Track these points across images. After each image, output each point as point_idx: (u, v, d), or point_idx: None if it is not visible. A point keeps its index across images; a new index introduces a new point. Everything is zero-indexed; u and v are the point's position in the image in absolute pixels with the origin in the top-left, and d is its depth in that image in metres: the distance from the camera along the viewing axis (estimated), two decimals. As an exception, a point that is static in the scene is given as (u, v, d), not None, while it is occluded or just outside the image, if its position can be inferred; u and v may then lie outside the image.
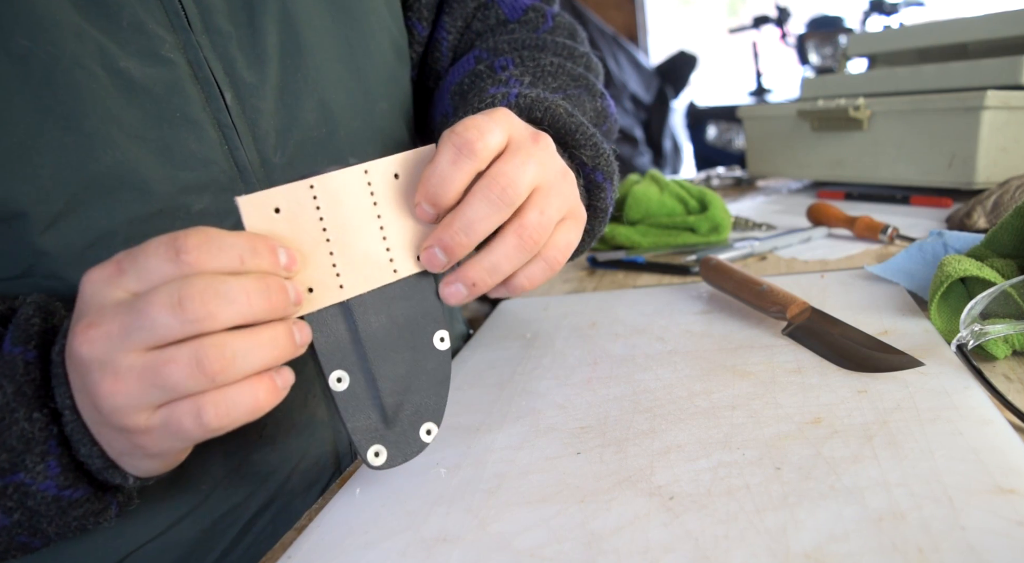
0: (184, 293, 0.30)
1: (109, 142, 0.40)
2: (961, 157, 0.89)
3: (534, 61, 0.56)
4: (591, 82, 0.57)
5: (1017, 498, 0.31)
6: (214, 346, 0.31)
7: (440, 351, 0.40)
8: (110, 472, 0.36)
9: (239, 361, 0.31)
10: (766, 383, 0.46)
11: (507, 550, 0.33)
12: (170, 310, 0.30)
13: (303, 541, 0.38)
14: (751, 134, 1.21)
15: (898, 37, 1.17)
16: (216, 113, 0.45)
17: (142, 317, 0.30)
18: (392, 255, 0.39)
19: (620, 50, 3.78)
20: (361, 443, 0.37)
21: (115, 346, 0.31)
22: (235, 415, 0.32)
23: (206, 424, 0.31)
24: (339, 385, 0.37)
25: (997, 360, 0.46)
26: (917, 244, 0.62)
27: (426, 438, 0.38)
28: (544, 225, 0.39)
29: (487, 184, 0.37)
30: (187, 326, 0.30)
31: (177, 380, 0.31)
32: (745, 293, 0.58)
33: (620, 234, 0.88)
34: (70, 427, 0.35)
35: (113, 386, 0.31)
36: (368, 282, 0.38)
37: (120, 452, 0.35)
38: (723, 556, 0.30)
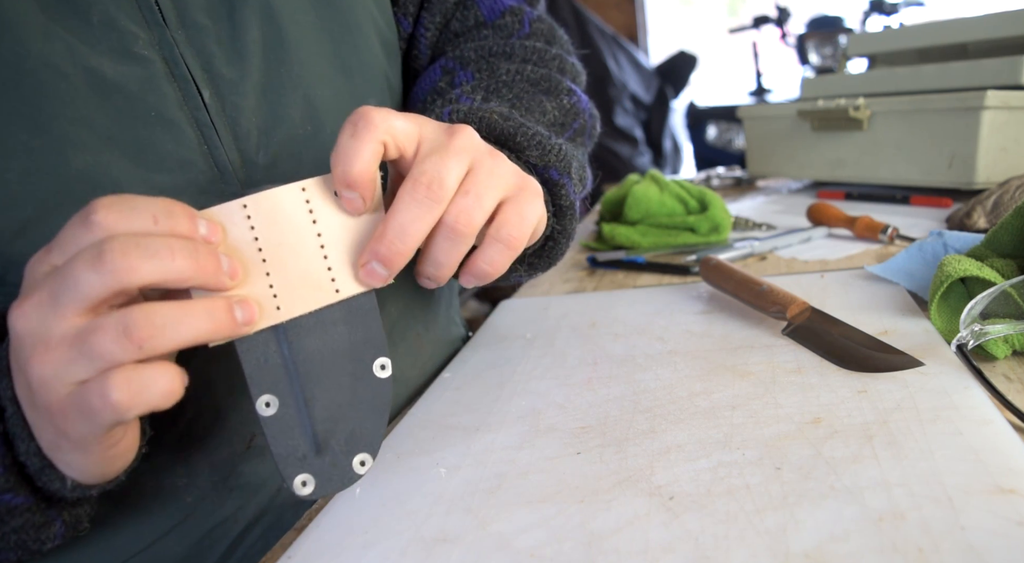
0: (104, 247, 0.29)
1: (80, 145, 0.39)
2: (961, 157, 0.89)
3: (491, 74, 0.55)
4: (555, 82, 0.55)
5: (1017, 498, 0.31)
6: (142, 313, 0.29)
7: (380, 379, 0.37)
8: (47, 473, 0.34)
9: (168, 330, 0.30)
10: (766, 383, 0.46)
11: (507, 550, 0.33)
12: (90, 265, 0.29)
13: (303, 541, 0.38)
14: (751, 134, 1.21)
15: (898, 37, 1.17)
16: (194, 112, 0.43)
17: (66, 278, 0.30)
18: (334, 275, 0.37)
19: (620, 50, 3.78)
20: (287, 471, 0.35)
21: (46, 315, 0.30)
22: (147, 397, 0.30)
23: (113, 403, 0.29)
24: (267, 410, 0.35)
25: (997, 360, 0.46)
26: (917, 244, 0.62)
27: (360, 469, 0.36)
28: (475, 206, 0.37)
29: (412, 185, 0.36)
30: (107, 278, 0.29)
31: (103, 347, 0.29)
32: (745, 293, 0.58)
33: (620, 234, 0.88)
34: (11, 422, 0.33)
35: (44, 355, 0.30)
36: (307, 304, 0.36)
37: (50, 444, 0.33)
38: (723, 556, 0.30)
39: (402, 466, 0.43)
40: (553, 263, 0.52)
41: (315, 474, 0.35)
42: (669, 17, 4.56)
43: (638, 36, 4.10)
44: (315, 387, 0.36)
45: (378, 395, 0.37)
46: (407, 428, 0.48)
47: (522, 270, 0.51)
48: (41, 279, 0.31)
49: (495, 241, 0.39)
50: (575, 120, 0.55)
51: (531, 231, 0.41)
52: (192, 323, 0.31)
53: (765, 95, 3.41)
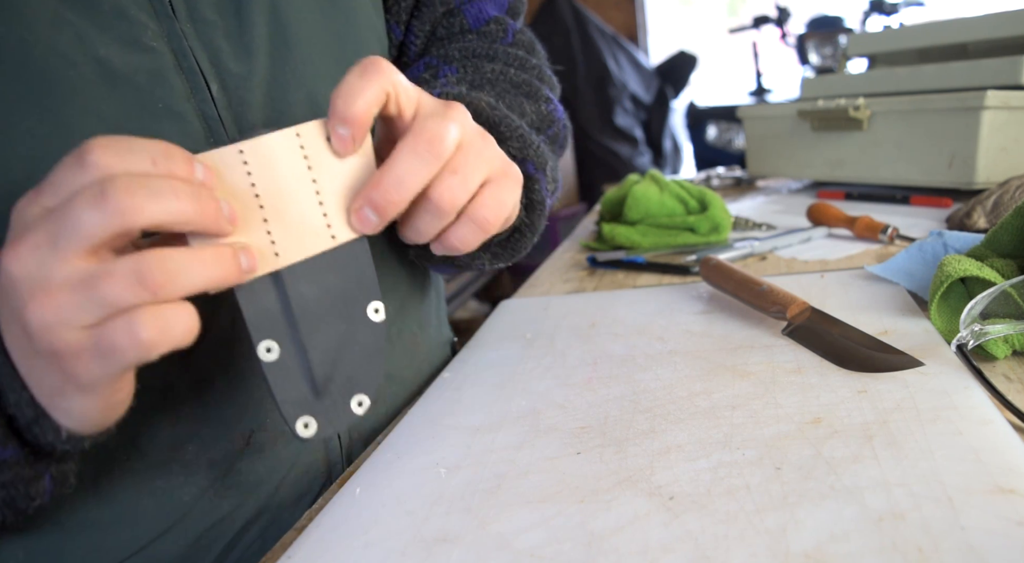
0: (106, 186, 0.29)
1: (88, 133, 0.37)
2: (961, 157, 0.89)
3: (476, 70, 0.56)
4: (535, 87, 0.56)
5: (1017, 498, 0.31)
6: (156, 259, 0.29)
7: (374, 323, 0.38)
8: (41, 424, 0.33)
9: (181, 277, 0.30)
10: (766, 383, 0.46)
11: (507, 550, 0.33)
12: (93, 203, 0.28)
13: (303, 541, 0.37)
14: (751, 134, 1.21)
15: (898, 37, 1.17)
16: (201, 105, 0.43)
17: (66, 218, 0.29)
18: (329, 221, 0.37)
19: (620, 50, 3.78)
20: (290, 414, 0.36)
21: (44, 257, 0.29)
22: (171, 334, 0.30)
23: (141, 340, 0.29)
24: (268, 355, 0.35)
25: (997, 360, 0.46)
26: (917, 244, 0.62)
27: (357, 410, 0.37)
28: (460, 186, 0.38)
29: (413, 139, 0.36)
30: (111, 218, 0.28)
31: (116, 294, 0.29)
32: (745, 293, 0.58)
33: (620, 234, 0.88)
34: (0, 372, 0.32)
35: (44, 300, 0.29)
36: (304, 249, 0.36)
37: (51, 390, 0.32)
38: (723, 556, 0.30)
39: (402, 466, 0.43)
40: (516, 256, 0.52)
41: (315, 415, 0.36)
42: (669, 17, 4.56)
43: (638, 36, 4.10)
44: (312, 332, 0.36)
45: (373, 338, 0.38)
46: (407, 428, 0.48)
47: (486, 258, 0.52)
48: (34, 221, 0.30)
49: (470, 220, 0.40)
50: (550, 127, 0.57)
51: (505, 217, 0.41)
52: (202, 270, 0.30)
53: (765, 95, 3.41)
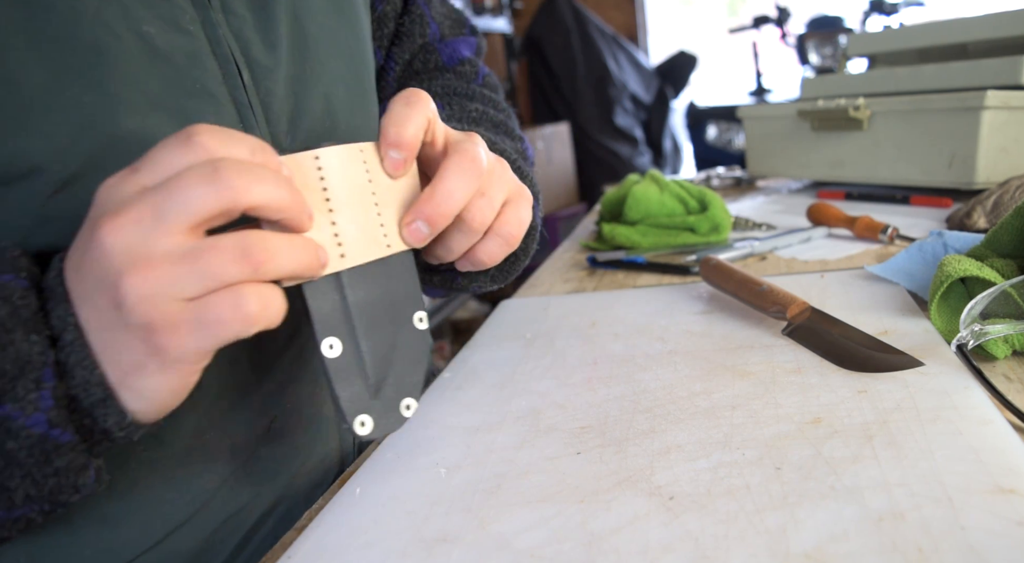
0: (219, 165, 0.30)
1: (131, 106, 0.39)
2: (961, 157, 0.89)
3: (461, 108, 0.61)
4: (511, 127, 0.62)
5: (1017, 498, 0.31)
6: (258, 237, 0.31)
7: (419, 330, 0.40)
8: (107, 406, 0.32)
9: (279, 257, 0.31)
10: (766, 383, 0.46)
11: (507, 550, 0.33)
12: (205, 179, 0.30)
13: (303, 541, 0.37)
14: (751, 134, 1.21)
15: (898, 37, 1.17)
16: (233, 90, 0.45)
17: (174, 193, 0.30)
18: (386, 231, 0.39)
19: (620, 50, 3.78)
20: (349, 411, 0.37)
21: (147, 230, 0.30)
22: (270, 312, 0.31)
23: (247, 313, 0.30)
24: (331, 352, 0.37)
25: (997, 360, 0.46)
26: (917, 244, 0.62)
27: (406, 413, 0.39)
28: (488, 207, 0.41)
29: (458, 159, 0.39)
30: (222, 194, 0.30)
31: (222, 266, 0.30)
32: (745, 293, 0.58)
33: (620, 234, 0.88)
34: (68, 349, 0.32)
35: (145, 272, 0.30)
36: (365, 254, 0.38)
37: (129, 366, 0.32)
38: (723, 556, 0.30)
39: (402, 466, 0.43)
40: (510, 278, 0.56)
41: (373, 415, 0.37)
42: (669, 17, 4.56)
43: (638, 36, 4.10)
44: (368, 334, 0.38)
45: (418, 345, 0.40)
46: (407, 428, 0.48)
47: (485, 280, 0.54)
48: (133, 197, 0.30)
49: (497, 236, 0.43)
50: (525, 162, 0.61)
51: (524, 232, 0.45)
52: (294, 254, 0.32)
53: (765, 95, 3.41)
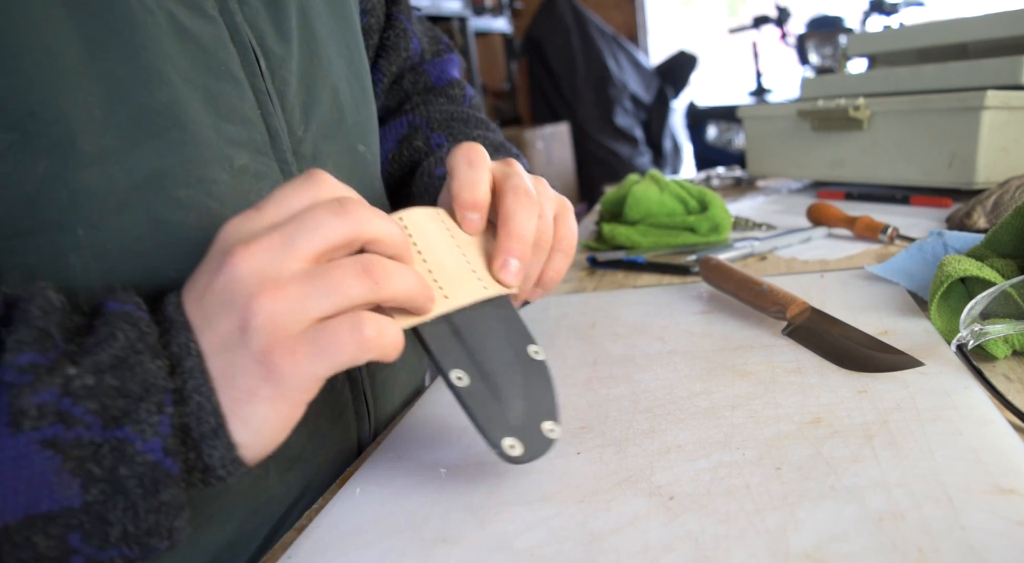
0: (345, 201, 0.33)
1: (164, 79, 0.39)
2: (961, 157, 0.89)
3: (464, 135, 0.64)
4: (509, 148, 0.65)
5: (1017, 498, 0.31)
6: (375, 257, 0.33)
7: (537, 361, 0.40)
8: (218, 436, 0.32)
9: (395, 277, 0.33)
10: (766, 383, 0.46)
11: (507, 550, 0.33)
12: (332, 212, 0.33)
13: (303, 541, 0.37)
14: (751, 134, 1.21)
15: (898, 37, 1.17)
16: (252, 77, 0.45)
17: (306, 222, 0.32)
18: (479, 276, 0.41)
19: (620, 50, 3.78)
20: (494, 435, 0.36)
21: (278, 255, 0.32)
22: (386, 340, 0.32)
23: (363, 337, 0.32)
24: (460, 382, 0.37)
25: (997, 360, 0.46)
26: (917, 244, 0.62)
27: (550, 434, 0.38)
28: (547, 226, 0.44)
29: (514, 195, 0.42)
30: (349, 225, 0.33)
31: (344, 281, 0.32)
32: (745, 293, 0.58)
33: (620, 234, 0.88)
34: (187, 376, 0.32)
35: (275, 292, 0.31)
36: (467, 296, 0.39)
37: (243, 392, 0.32)
38: (723, 556, 0.30)
39: (402, 466, 0.43)
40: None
41: (519, 438, 0.36)
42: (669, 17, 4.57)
43: (638, 36, 4.10)
44: (491, 365, 0.38)
45: (541, 373, 0.40)
46: (407, 428, 0.48)
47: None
48: (264, 229, 0.33)
49: (558, 251, 0.46)
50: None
51: (576, 241, 0.48)
52: (407, 278, 0.34)
53: (765, 95, 3.41)
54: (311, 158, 0.49)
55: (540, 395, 0.39)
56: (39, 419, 0.29)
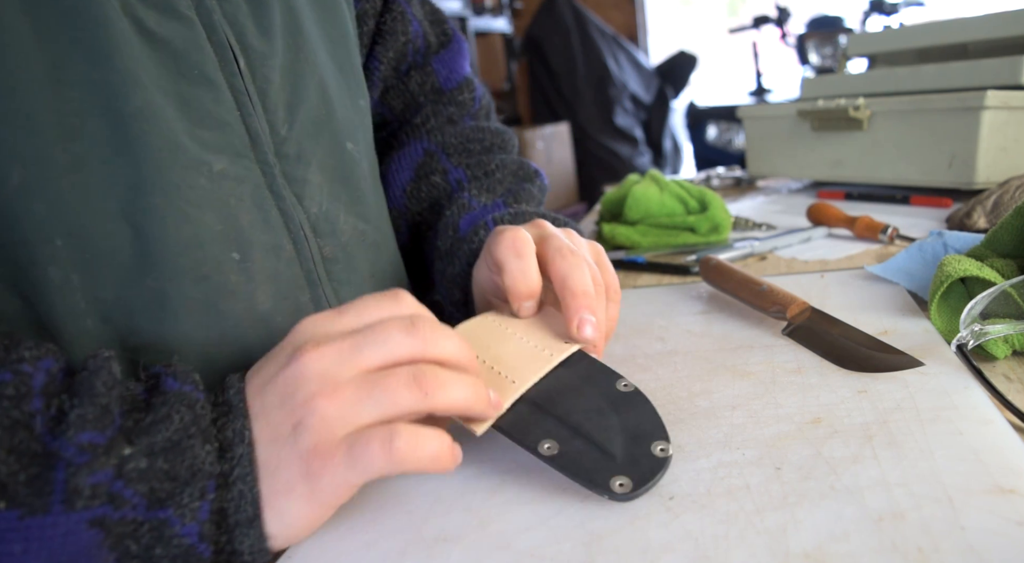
0: (417, 321, 0.36)
1: (138, 84, 0.39)
2: (961, 157, 0.89)
3: (481, 169, 0.64)
4: (526, 167, 0.65)
5: (1017, 498, 0.31)
6: (429, 368, 0.35)
7: (627, 392, 0.40)
8: (253, 525, 0.33)
9: (448, 387, 0.35)
10: (766, 383, 0.46)
11: (507, 550, 0.33)
12: (403, 329, 0.35)
13: (303, 541, 0.37)
14: (751, 134, 1.21)
15: (898, 37, 1.17)
16: (230, 78, 0.44)
17: (377, 334, 0.35)
18: (543, 348, 0.43)
19: (620, 50, 3.78)
20: (598, 486, 0.35)
21: (345, 360, 0.34)
22: (420, 453, 0.33)
23: (394, 451, 0.32)
24: (550, 452, 0.37)
25: (997, 360, 0.46)
26: (917, 244, 0.62)
27: (660, 454, 0.37)
28: (596, 273, 0.46)
29: (559, 255, 0.44)
30: (416, 344, 0.35)
31: (395, 390, 0.33)
32: (745, 293, 0.58)
33: (620, 234, 0.88)
34: (236, 462, 0.33)
35: (332, 395, 0.33)
36: (535, 371, 0.41)
37: (282, 485, 0.33)
38: (723, 556, 0.30)
39: (402, 466, 0.43)
40: None
41: (625, 474, 0.36)
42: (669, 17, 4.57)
43: (638, 36, 4.10)
44: (578, 416, 0.39)
45: (637, 401, 0.40)
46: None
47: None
48: (338, 333, 0.35)
49: (609, 301, 0.48)
50: (544, 195, 0.66)
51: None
52: (463, 389, 0.36)
53: (765, 95, 3.41)
54: (295, 158, 0.48)
55: (641, 422, 0.39)
56: (91, 500, 0.30)
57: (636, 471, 0.36)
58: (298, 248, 0.47)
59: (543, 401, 0.40)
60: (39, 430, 0.30)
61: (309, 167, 0.49)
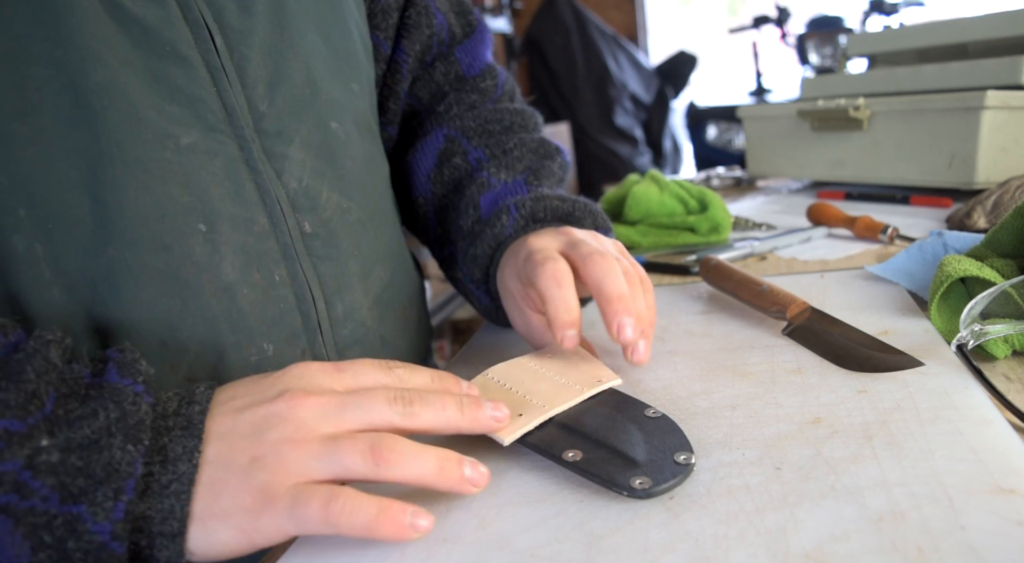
0: (405, 394, 0.37)
1: (100, 60, 0.40)
2: (961, 157, 0.89)
3: (500, 148, 0.64)
4: (547, 146, 0.65)
5: (1017, 498, 0.31)
6: (390, 439, 0.35)
7: (657, 418, 0.41)
8: (175, 540, 0.33)
9: (404, 461, 0.35)
10: (766, 383, 0.46)
11: (507, 550, 0.33)
12: (389, 402, 0.37)
13: (303, 541, 0.37)
14: (751, 134, 1.21)
15: (898, 37, 1.17)
16: (206, 54, 0.45)
17: (363, 400, 0.36)
18: (575, 383, 0.45)
19: (620, 50, 3.78)
20: (618, 484, 0.36)
21: (327, 415, 0.35)
22: (353, 520, 0.33)
23: (330, 513, 0.33)
24: (572, 458, 0.38)
25: (997, 360, 0.46)
26: (917, 244, 0.62)
27: (682, 461, 0.37)
28: (628, 268, 0.49)
29: (592, 260, 0.47)
30: (398, 419, 0.37)
31: (348, 456, 0.34)
32: (745, 293, 0.58)
33: (620, 234, 0.88)
34: (174, 476, 0.33)
35: (299, 444, 0.34)
36: (566, 400, 0.43)
37: (219, 511, 0.33)
38: (723, 556, 0.30)
39: (402, 466, 0.43)
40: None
41: (645, 475, 0.36)
42: (669, 17, 4.57)
43: (638, 36, 4.09)
44: (604, 432, 0.40)
45: (664, 425, 0.41)
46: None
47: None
48: (331, 390, 0.37)
49: (646, 292, 0.50)
50: (566, 172, 0.67)
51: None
52: (422, 464, 0.35)
53: (765, 95, 3.41)
54: (275, 134, 0.49)
55: (667, 438, 0.39)
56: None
57: (657, 473, 0.36)
58: (274, 222, 0.48)
59: (572, 422, 0.41)
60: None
61: (291, 144, 0.49)
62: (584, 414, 0.42)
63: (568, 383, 0.45)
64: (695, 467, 0.37)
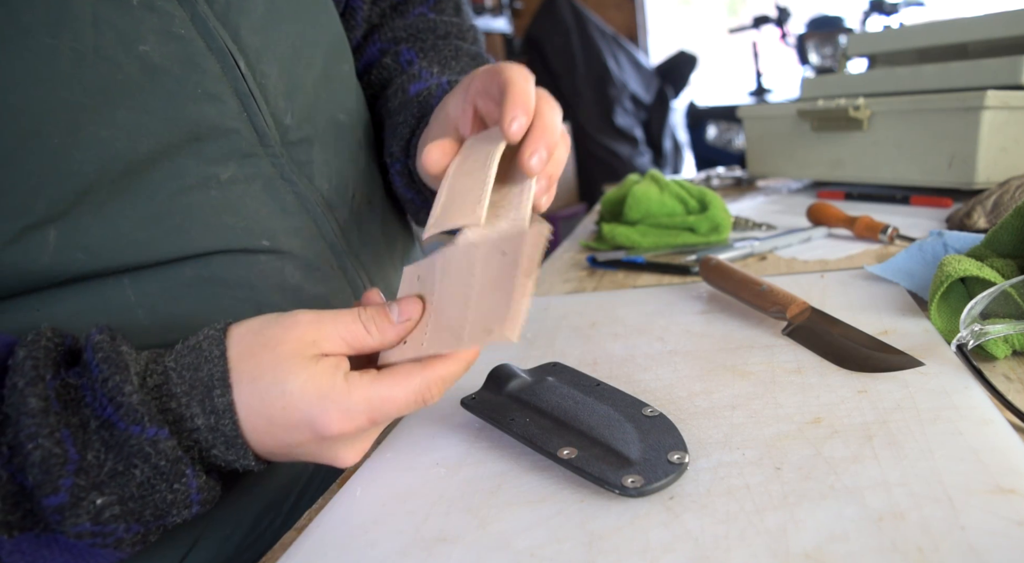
0: (427, 396, 0.38)
1: (144, 130, 0.42)
2: (961, 157, 0.89)
3: (434, 50, 0.62)
4: (485, 58, 0.64)
5: (1017, 498, 0.31)
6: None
7: (653, 417, 0.41)
8: (239, 445, 0.37)
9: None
10: (766, 383, 0.46)
11: (507, 550, 0.33)
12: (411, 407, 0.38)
13: (303, 541, 0.38)
14: (751, 134, 1.21)
15: (898, 37, 1.17)
16: (234, 82, 0.46)
17: (391, 412, 0.38)
18: (481, 166, 0.41)
19: (620, 50, 3.78)
20: (612, 482, 0.36)
21: (361, 431, 0.38)
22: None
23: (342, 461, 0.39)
24: (568, 454, 0.38)
25: (997, 360, 0.46)
26: (917, 244, 0.62)
27: (674, 460, 0.37)
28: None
29: (511, 87, 0.42)
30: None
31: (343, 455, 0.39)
32: (745, 293, 0.58)
33: (620, 234, 0.88)
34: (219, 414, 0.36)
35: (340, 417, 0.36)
36: (485, 178, 0.40)
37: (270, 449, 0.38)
38: (723, 556, 0.30)
39: (402, 466, 0.43)
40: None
41: (638, 473, 0.36)
42: (669, 17, 4.56)
43: (638, 36, 4.09)
44: (600, 430, 0.40)
45: (661, 424, 0.40)
46: (407, 427, 0.48)
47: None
48: (366, 423, 0.38)
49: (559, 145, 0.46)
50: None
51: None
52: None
53: (765, 95, 3.41)
54: (298, 143, 0.50)
55: (662, 437, 0.39)
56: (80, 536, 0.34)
57: (649, 471, 0.36)
58: (318, 224, 0.51)
59: (569, 419, 0.41)
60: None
61: (312, 148, 0.51)
62: (582, 411, 0.42)
63: (476, 171, 0.42)
64: (694, 467, 0.37)
